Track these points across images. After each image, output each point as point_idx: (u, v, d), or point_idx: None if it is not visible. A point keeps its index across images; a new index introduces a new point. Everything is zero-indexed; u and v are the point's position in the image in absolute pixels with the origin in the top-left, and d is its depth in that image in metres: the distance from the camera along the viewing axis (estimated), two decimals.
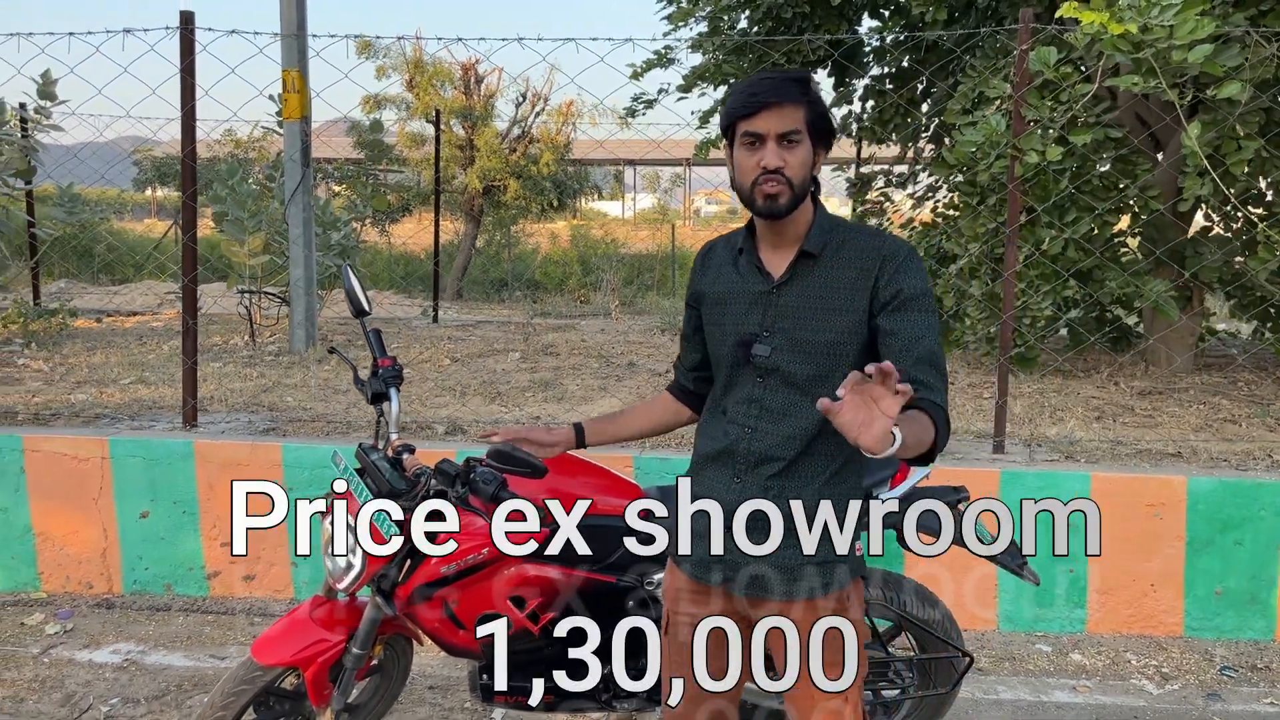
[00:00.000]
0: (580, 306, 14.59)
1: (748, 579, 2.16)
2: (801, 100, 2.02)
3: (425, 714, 3.70)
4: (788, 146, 2.02)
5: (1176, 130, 6.32)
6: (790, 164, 2.02)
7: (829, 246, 2.11)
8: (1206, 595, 4.35)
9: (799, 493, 2.10)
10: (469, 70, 19.23)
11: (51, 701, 3.76)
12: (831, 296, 2.08)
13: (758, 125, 2.01)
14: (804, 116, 2.03)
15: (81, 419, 5.22)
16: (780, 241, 2.14)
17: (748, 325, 2.13)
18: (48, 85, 7.47)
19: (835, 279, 2.08)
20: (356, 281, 2.99)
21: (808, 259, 2.11)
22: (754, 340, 2.12)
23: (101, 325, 9.46)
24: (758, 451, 2.12)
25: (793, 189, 2.03)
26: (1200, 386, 6.45)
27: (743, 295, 2.16)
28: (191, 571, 4.67)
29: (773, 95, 2.00)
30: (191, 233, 4.87)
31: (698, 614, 2.27)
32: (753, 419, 2.13)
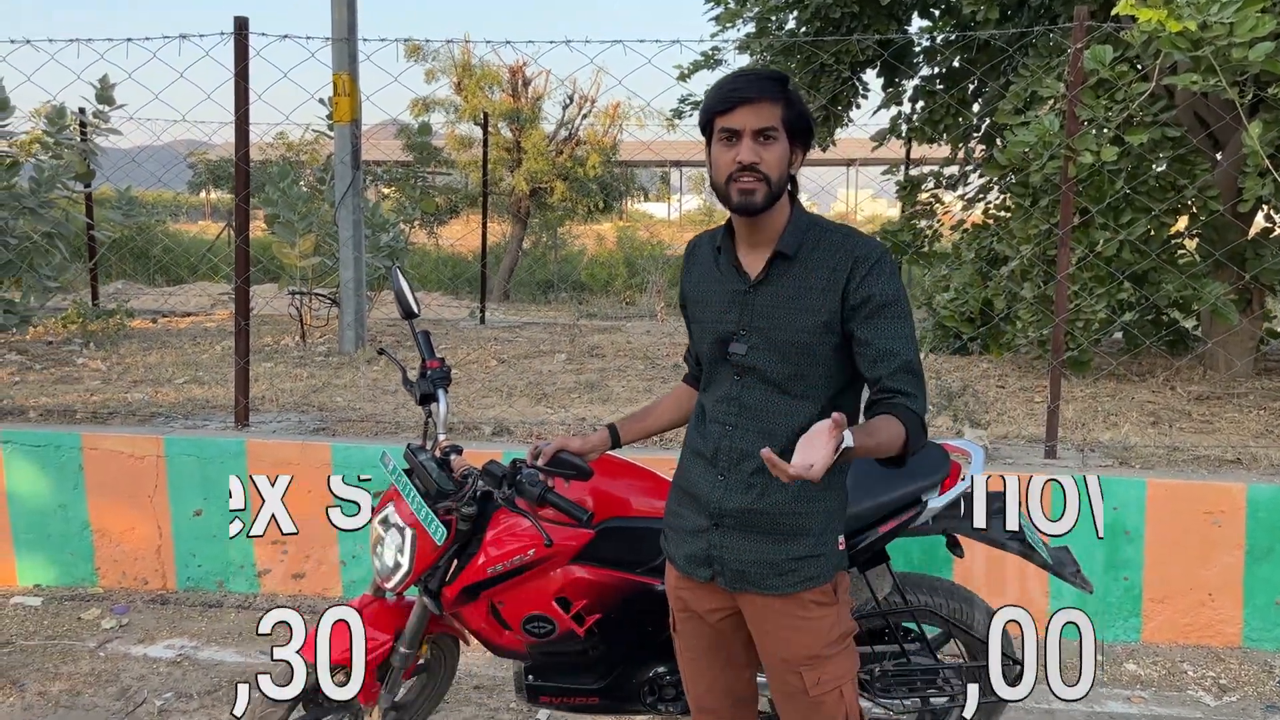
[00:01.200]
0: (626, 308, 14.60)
1: (734, 574, 2.19)
2: (779, 98, 2.04)
3: (471, 713, 3.71)
4: (764, 143, 2.03)
5: (1236, 130, 6.18)
6: (766, 160, 2.03)
7: (804, 246, 2.11)
8: (1266, 605, 4.24)
9: (781, 489, 2.13)
10: (517, 73, 19.35)
11: (107, 695, 3.83)
12: (804, 297, 2.09)
13: (734, 121, 2.03)
14: (781, 114, 2.04)
15: (137, 418, 5.32)
16: (757, 240, 2.15)
17: (725, 324, 2.16)
18: (106, 90, 7.63)
19: (808, 280, 2.09)
20: (405, 284, 3.01)
21: (783, 259, 2.12)
22: (731, 339, 2.15)
23: (157, 326, 9.63)
24: (739, 449, 2.15)
25: (769, 185, 2.05)
26: (1260, 391, 6.29)
27: (721, 294, 2.19)
28: (243, 569, 4.74)
29: (750, 91, 2.02)
30: (244, 235, 4.94)
31: (694, 609, 2.31)
32: (732, 416, 2.16)
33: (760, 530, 2.16)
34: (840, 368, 2.12)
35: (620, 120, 19.77)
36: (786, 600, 2.17)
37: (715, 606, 2.28)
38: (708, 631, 2.32)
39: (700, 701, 2.40)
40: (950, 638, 3.16)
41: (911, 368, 2.05)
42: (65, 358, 7.49)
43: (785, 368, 2.11)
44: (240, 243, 4.92)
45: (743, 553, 2.17)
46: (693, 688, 2.40)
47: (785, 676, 2.22)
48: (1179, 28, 4.13)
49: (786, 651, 2.20)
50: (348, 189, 7.54)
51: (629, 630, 2.91)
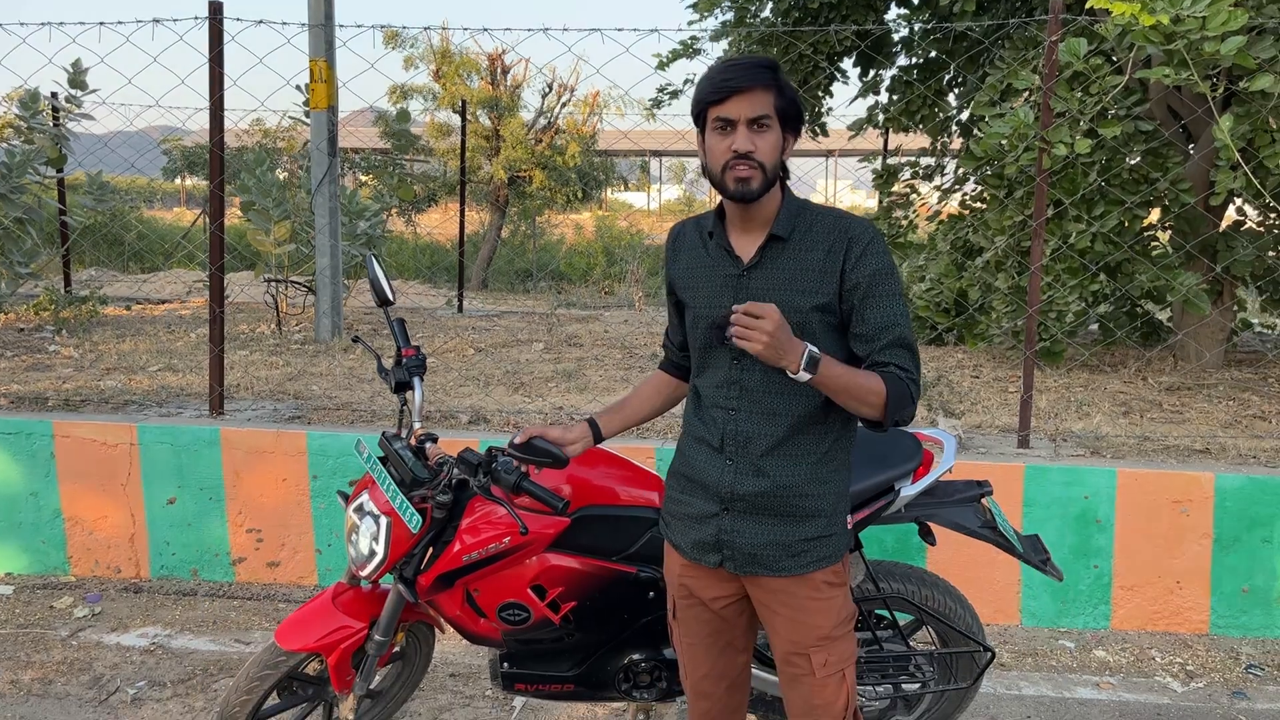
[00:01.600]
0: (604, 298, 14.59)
1: (745, 558, 2.20)
2: (771, 85, 2.06)
3: (446, 701, 3.72)
4: (758, 131, 2.06)
5: (1208, 123, 6.24)
6: (761, 148, 2.06)
7: (797, 229, 2.15)
8: (1233, 593, 4.30)
9: (792, 471, 2.16)
10: (495, 61, 19.26)
11: (79, 684, 3.81)
12: (800, 278, 2.12)
13: (728, 110, 2.05)
14: (773, 102, 2.07)
15: (110, 405, 5.28)
16: (749, 225, 2.18)
17: (719, 308, 2.16)
18: (78, 74, 7.54)
19: (803, 261, 2.13)
20: (381, 271, 3.00)
21: (776, 242, 2.15)
22: (727, 323, 2.14)
23: (130, 313, 9.55)
24: (745, 432, 2.17)
25: (764, 173, 2.08)
26: (1230, 382, 6.37)
27: (712, 278, 2.20)
28: (217, 557, 4.72)
29: (743, 81, 2.04)
30: (219, 221, 4.91)
31: (699, 595, 2.32)
32: (734, 400, 2.17)
33: (772, 513, 2.18)
34: (837, 347, 2.14)
35: (599, 109, 19.74)
36: (798, 581, 2.20)
37: (720, 594, 2.30)
38: (710, 618, 2.34)
39: (698, 687, 2.42)
40: (922, 625, 3.19)
41: (904, 342, 2.11)
42: (37, 345, 7.42)
43: None
44: (215, 229, 4.88)
45: (755, 535, 2.19)
46: (690, 673, 2.42)
47: (793, 659, 2.25)
48: (1152, 21, 4.17)
49: (797, 633, 2.23)
50: (324, 176, 7.49)
51: (604, 618, 2.92)
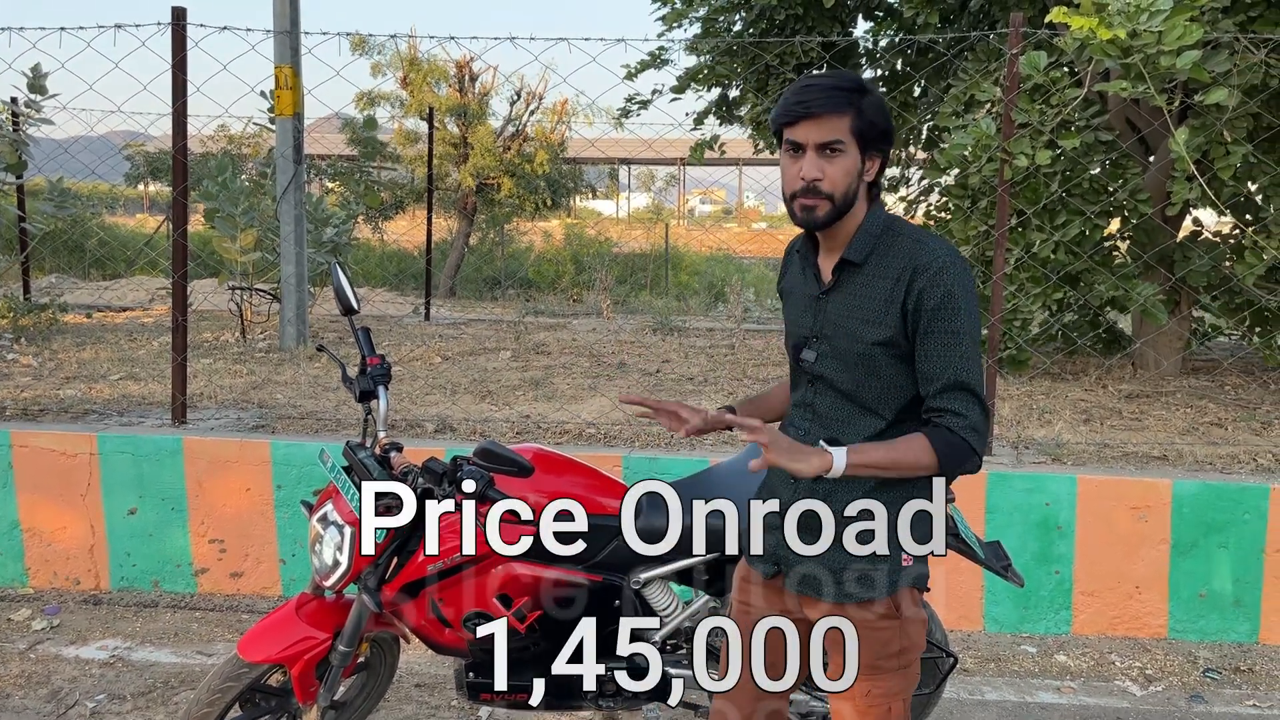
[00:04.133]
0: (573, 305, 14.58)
1: (799, 578, 2.15)
2: (847, 109, 1.96)
3: (412, 712, 3.70)
4: (828, 157, 1.97)
5: (1166, 135, 6.35)
6: (830, 175, 1.97)
7: (875, 253, 2.05)
8: (1190, 597, 4.37)
9: (847, 496, 2.07)
10: (463, 68, 19.23)
11: (37, 697, 3.75)
12: (866, 307, 2.04)
13: (797, 135, 1.99)
14: (849, 125, 1.96)
15: (70, 415, 5.22)
16: (831, 246, 2.11)
17: (801, 329, 2.15)
18: (38, 79, 7.45)
19: (872, 290, 2.04)
20: (346, 279, 2.99)
21: (850, 267, 2.07)
22: (804, 345, 2.13)
23: (91, 321, 9.43)
24: None
25: (833, 202, 1.99)
26: (1187, 390, 6.48)
27: (801, 298, 2.17)
28: (179, 568, 4.67)
29: (814, 105, 1.95)
30: (182, 229, 4.86)
31: (756, 605, 2.28)
32: (806, 422, 2.15)
33: (826, 536, 2.08)
34: (907, 382, 2.06)
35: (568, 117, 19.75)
36: (849, 609, 2.12)
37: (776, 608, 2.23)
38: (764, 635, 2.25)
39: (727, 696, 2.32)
40: None
41: (962, 384, 1.98)
42: None
43: (849, 377, 2.07)
44: (178, 237, 4.84)
45: (807, 556, 2.12)
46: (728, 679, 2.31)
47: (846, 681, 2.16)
48: (1110, 35, 4.24)
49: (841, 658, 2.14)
50: (289, 183, 7.44)
51: (571, 627, 2.92)
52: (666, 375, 6.84)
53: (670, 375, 6.83)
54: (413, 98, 18.63)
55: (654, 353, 7.91)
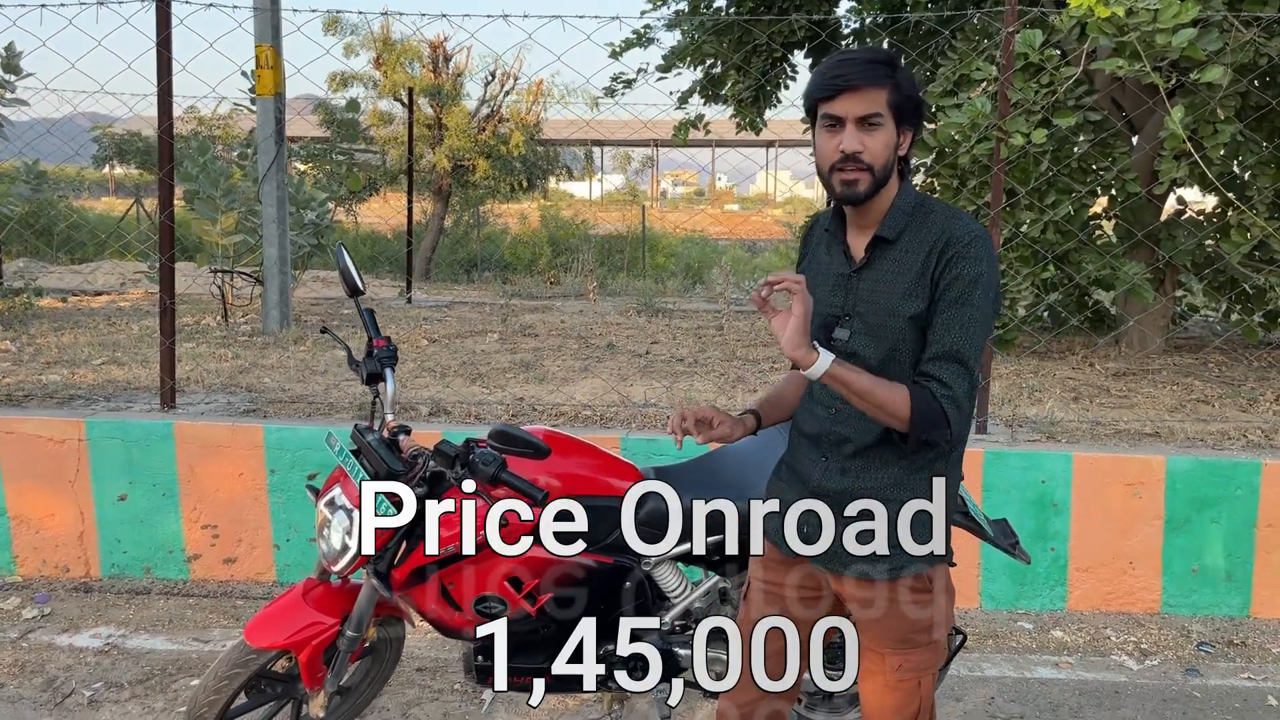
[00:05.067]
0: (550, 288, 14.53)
1: (827, 554, 2.14)
2: (885, 82, 1.97)
3: (414, 695, 3.68)
4: (868, 130, 1.97)
5: (1151, 114, 6.39)
6: (870, 148, 1.97)
7: (908, 230, 2.06)
8: (1184, 572, 4.42)
9: (876, 475, 2.09)
10: (437, 48, 19.04)
11: (33, 686, 3.70)
12: (900, 282, 2.04)
13: (836, 108, 1.98)
14: (887, 99, 1.97)
15: (55, 400, 5.13)
16: (864, 223, 2.11)
17: (830, 307, 2.12)
18: (11, 59, 7.29)
19: (906, 265, 2.04)
20: (350, 261, 2.96)
21: (883, 243, 2.07)
22: (835, 324, 2.11)
23: (67, 305, 9.28)
24: (840, 433, 2.12)
25: (873, 174, 1.99)
26: (1173, 368, 6.54)
27: (829, 276, 2.15)
28: (171, 554, 4.61)
29: (854, 78, 1.95)
30: (169, 210, 4.78)
31: (776, 581, 2.28)
32: (837, 401, 2.11)
33: (854, 514, 2.09)
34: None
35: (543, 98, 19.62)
36: (881, 585, 2.13)
37: (801, 584, 2.25)
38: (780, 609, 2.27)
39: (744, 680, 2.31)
40: None
41: (955, 355, 1.98)
42: None
43: (882, 352, 2.06)
44: (165, 218, 4.75)
45: (836, 533, 2.11)
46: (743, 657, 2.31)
47: (868, 656, 2.19)
48: (1107, 13, 4.25)
49: (875, 632, 2.16)
50: (271, 164, 7.33)
51: (581, 609, 2.91)
52: (657, 356, 6.82)
53: (660, 356, 6.82)
54: (386, 78, 18.44)
55: (642, 334, 7.89)
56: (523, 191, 21.25)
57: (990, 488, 4.40)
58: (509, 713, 3.55)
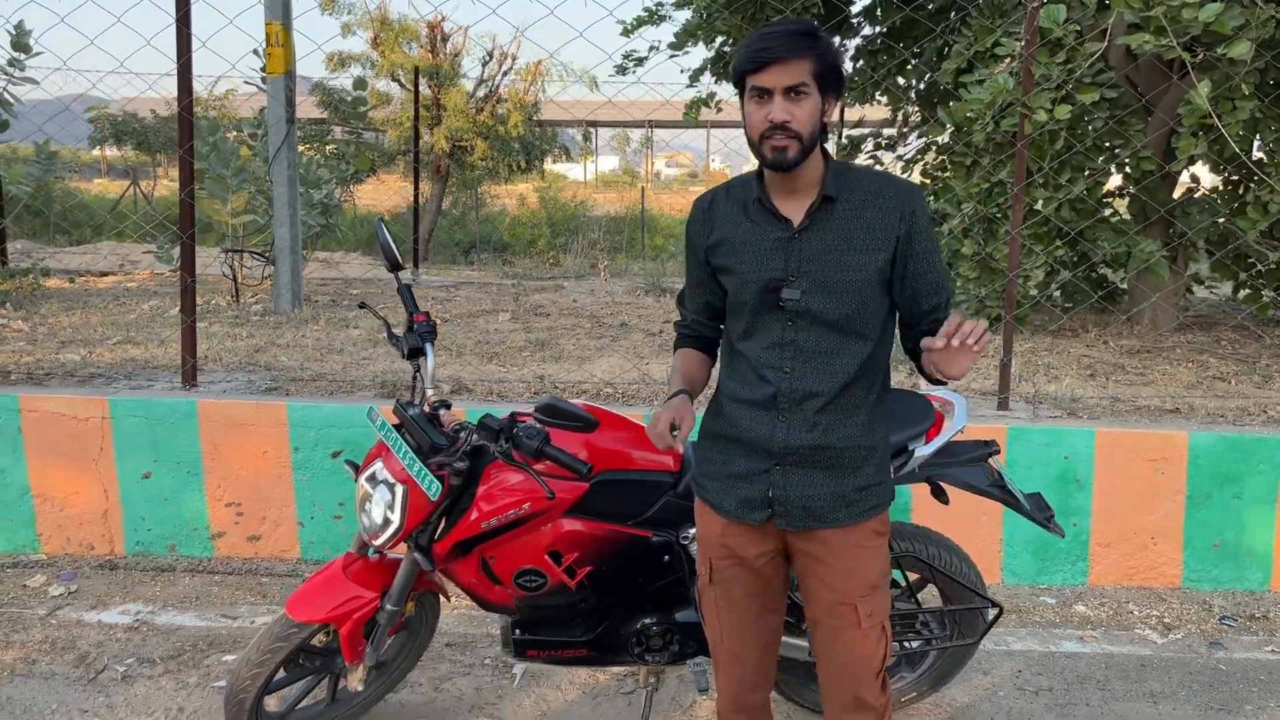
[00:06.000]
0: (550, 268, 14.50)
1: (800, 512, 2.21)
2: (808, 53, 2.05)
3: (446, 670, 3.70)
4: (795, 99, 2.06)
5: (1165, 91, 6.38)
6: (798, 117, 2.06)
7: (844, 190, 2.17)
8: (1205, 547, 4.45)
9: (845, 424, 2.19)
10: (435, 29, 18.93)
11: (65, 662, 3.71)
12: (854, 237, 2.15)
13: (764, 80, 2.06)
14: (811, 68, 2.06)
15: (76, 379, 5.12)
16: (794, 188, 2.18)
17: (769, 271, 2.16)
18: (21, 37, 7.23)
19: (857, 221, 2.15)
20: (390, 237, 2.96)
21: (828, 203, 2.16)
22: (781, 285, 2.16)
23: (75, 285, 9.24)
24: (801, 389, 2.17)
25: (801, 141, 2.08)
26: (1187, 345, 6.56)
27: (760, 242, 2.19)
28: (195, 532, 4.62)
29: (779, 50, 2.03)
30: (189, 189, 4.76)
31: (740, 554, 2.31)
32: (788, 360, 2.17)
33: (825, 465, 2.19)
34: (885, 303, 2.21)
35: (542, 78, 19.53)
36: (850, 531, 2.23)
37: (762, 550, 2.30)
38: (748, 578, 2.33)
39: (733, 651, 2.40)
40: (927, 583, 3.25)
41: (950, 299, 2.23)
42: None
43: (840, 308, 2.14)
44: (185, 196, 4.73)
45: (808, 489, 2.20)
46: (726, 638, 2.39)
47: (839, 610, 2.25)
48: None
49: (847, 583, 2.24)
50: (282, 144, 7.30)
51: (619, 582, 2.93)
52: (670, 335, 6.81)
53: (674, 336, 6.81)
54: (384, 58, 18.33)
55: (652, 313, 7.89)
56: (520, 172, 21.17)
57: (1013, 464, 4.42)
58: (540, 686, 3.57)
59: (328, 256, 12.77)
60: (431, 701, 3.49)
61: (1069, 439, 4.42)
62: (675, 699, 3.49)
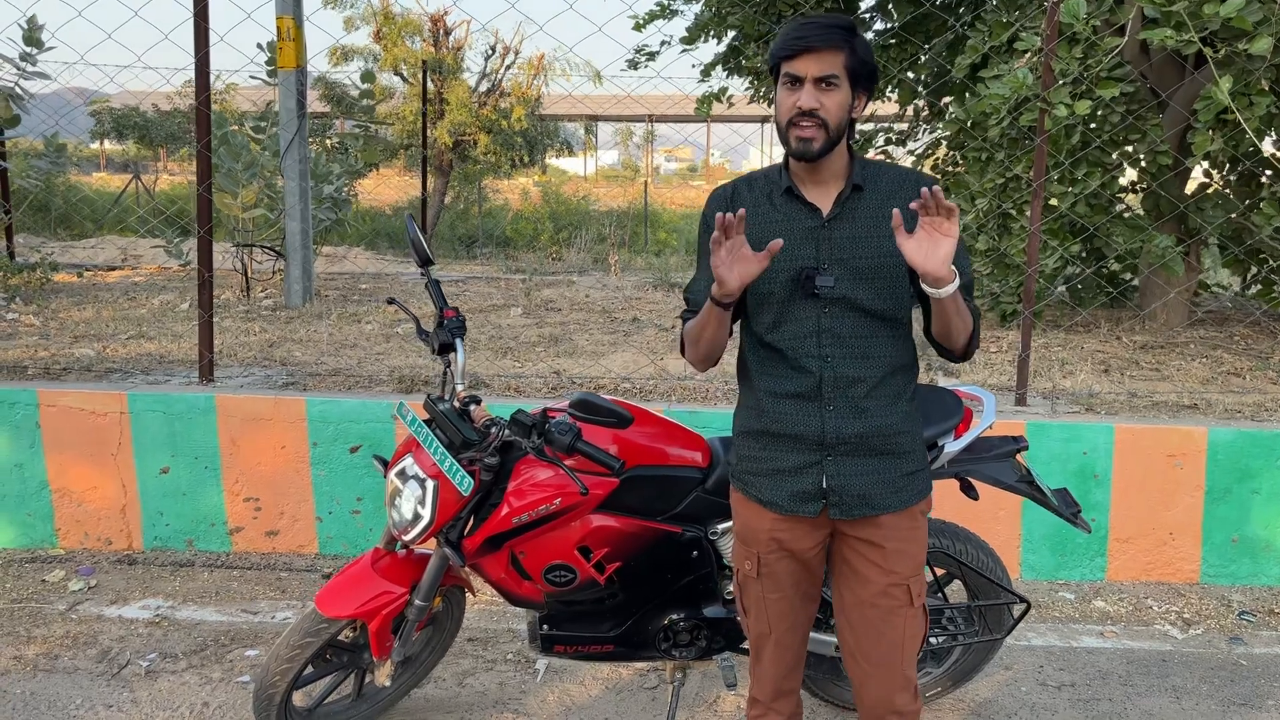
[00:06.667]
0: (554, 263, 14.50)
1: (856, 500, 2.23)
2: (842, 45, 2.09)
3: (469, 665, 3.70)
4: (825, 89, 2.10)
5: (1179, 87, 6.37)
6: (826, 106, 2.10)
7: (869, 180, 2.22)
8: (1223, 543, 4.45)
9: (890, 411, 2.23)
10: (438, 22, 18.90)
11: (87, 657, 3.71)
12: (882, 226, 2.16)
13: (797, 67, 2.10)
14: (844, 61, 2.10)
15: (93, 374, 5.12)
16: (821, 178, 2.22)
17: (801, 259, 2.19)
18: (34, 31, 7.21)
19: (883, 210, 2.18)
20: (419, 233, 2.96)
21: (856, 192, 2.20)
22: (815, 273, 2.18)
23: (83, 280, 9.24)
24: (844, 375, 2.20)
25: (828, 131, 2.11)
26: (1200, 341, 6.56)
27: (791, 231, 2.21)
28: (214, 527, 4.62)
29: (814, 40, 2.08)
30: (207, 183, 4.75)
31: (791, 548, 2.33)
32: (827, 347, 2.19)
33: (875, 452, 2.23)
34: (909, 288, 2.22)
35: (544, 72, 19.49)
36: (901, 516, 2.27)
37: (812, 543, 2.33)
38: (796, 569, 2.36)
39: (781, 640, 2.43)
40: (953, 579, 3.25)
41: (969, 288, 2.23)
42: None
43: (873, 293, 2.18)
44: (203, 191, 4.72)
45: (862, 477, 2.22)
46: (775, 628, 2.41)
47: (892, 592, 2.27)
48: None
49: (900, 564, 2.28)
50: (293, 138, 7.29)
51: (648, 578, 2.93)
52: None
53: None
54: (387, 53, 18.30)
55: (664, 308, 7.88)
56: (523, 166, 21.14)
57: (1032, 459, 4.41)
58: (563, 681, 3.57)
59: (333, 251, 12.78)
60: (455, 697, 3.49)
61: (1088, 434, 4.42)
62: (700, 694, 3.50)
